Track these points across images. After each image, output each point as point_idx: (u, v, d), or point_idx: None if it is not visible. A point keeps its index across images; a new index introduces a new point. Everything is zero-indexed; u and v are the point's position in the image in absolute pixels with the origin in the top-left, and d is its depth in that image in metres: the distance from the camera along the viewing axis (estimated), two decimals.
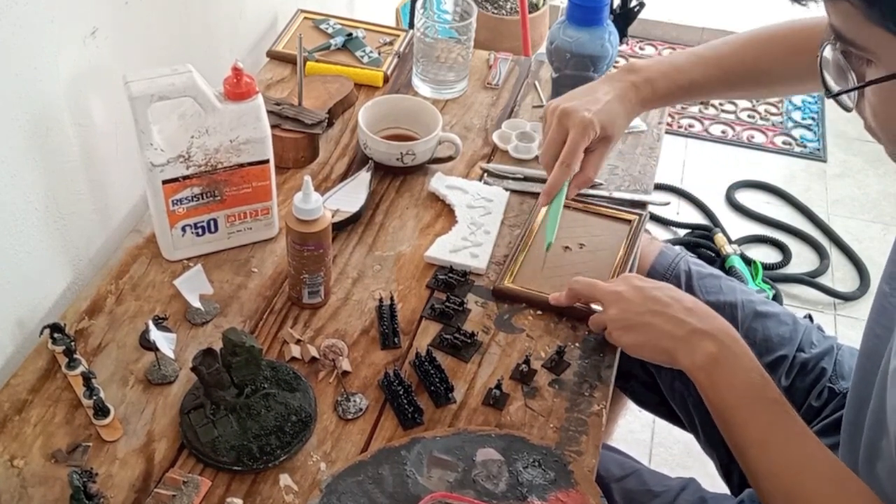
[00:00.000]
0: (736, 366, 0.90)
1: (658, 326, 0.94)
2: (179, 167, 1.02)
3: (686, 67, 1.13)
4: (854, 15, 0.65)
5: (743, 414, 0.88)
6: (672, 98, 1.15)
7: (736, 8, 3.13)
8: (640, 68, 1.13)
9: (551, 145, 1.10)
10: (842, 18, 0.67)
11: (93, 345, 1.00)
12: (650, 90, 1.12)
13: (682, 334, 0.93)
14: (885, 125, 0.71)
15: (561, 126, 1.08)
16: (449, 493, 0.85)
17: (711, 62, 1.13)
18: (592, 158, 1.11)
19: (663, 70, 1.13)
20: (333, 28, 1.50)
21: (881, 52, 0.66)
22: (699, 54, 1.14)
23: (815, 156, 2.66)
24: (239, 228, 1.12)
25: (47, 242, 1.03)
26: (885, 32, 0.64)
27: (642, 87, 1.12)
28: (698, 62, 1.13)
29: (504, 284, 1.08)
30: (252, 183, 1.08)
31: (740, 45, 1.14)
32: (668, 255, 1.26)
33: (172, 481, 0.87)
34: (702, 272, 1.24)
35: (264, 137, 1.05)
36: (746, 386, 0.89)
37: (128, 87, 0.97)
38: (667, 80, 1.12)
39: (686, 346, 0.92)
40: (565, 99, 1.11)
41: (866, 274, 2.27)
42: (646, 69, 1.13)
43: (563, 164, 1.08)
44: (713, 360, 0.90)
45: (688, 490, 1.06)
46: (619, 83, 1.12)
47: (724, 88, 1.18)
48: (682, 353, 0.92)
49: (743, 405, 0.88)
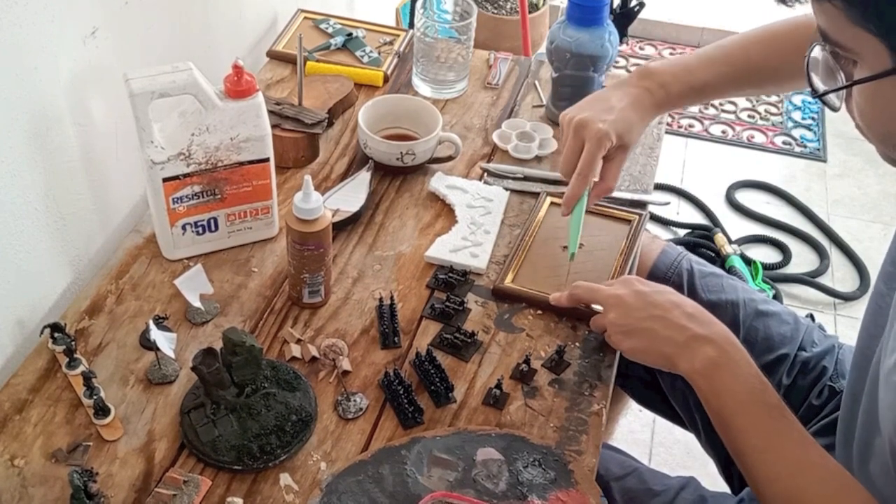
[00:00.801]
0: (736, 371, 0.90)
1: (658, 332, 0.95)
2: (180, 165, 1.02)
3: (697, 69, 1.14)
4: (837, 16, 0.66)
5: (743, 419, 0.88)
6: (685, 100, 1.16)
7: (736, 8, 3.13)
8: (653, 73, 1.14)
9: (569, 156, 1.10)
10: (827, 19, 0.68)
11: (93, 344, 1.00)
12: (664, 94, 1.13)
13: (682, 340, 0.93)
14: (872, 125, 0.72)
15: (577, 137, 1.09)
16: (449, 492, 0.85)
17: (721, 62, 1.14)
18: (611, 167, 1.12)
19: (675, 73, 1.13)
20: (333, 28, 1.50)
21: (864, 52, 0.67)
22: (709, 55, 1.15)
23: (815, 156, 2.66)
24: (239, 228, 1.12)
25: (47, 242, 1.03)
26: (865, 33, 0.65)
27: (656, 91, 1.13)
28: (709, 63, 1.14)
29: (504, 284, 1.08)
30: (252, 181, 1.08)
31: (748, 44, 1.14)
32: (670, 254, 1.26)
33: (173, 481, 0.87)
34: (704, 271, 1.24)
35: (264, 135, 1.05)
36: (746, 391, 0.89)
37: (128, 84, 0.97)
38: (680, 83, 1.13)
39: (686, 352, 0.92)
40: (579, 109, 1.12)
41: (866, 274, 2.27)
42: (658, 73, 1.13)
43: (581, 175, 1.08)
44: (713, 365, 0.90)
45: (687, 489, 1.06)
46: (632, 89, 1.13)
47: (735, 88, 1.18)
48: (683, 359, 0.92)
49: (743, 410, 0.88)
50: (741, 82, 1.16)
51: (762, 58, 1.13)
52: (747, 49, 1.14)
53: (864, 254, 2.32)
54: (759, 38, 1.14)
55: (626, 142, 1.10)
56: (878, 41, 0.65)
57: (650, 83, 1.13)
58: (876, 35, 0.65)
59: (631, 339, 0.97)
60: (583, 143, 1.08)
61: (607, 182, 1.12)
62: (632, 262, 1.14)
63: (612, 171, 1.12)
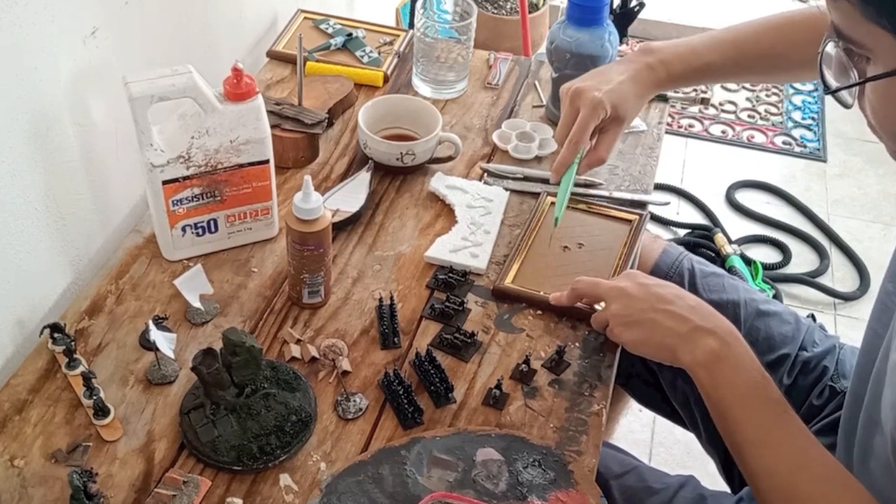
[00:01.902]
0: (737, 364, 0.90)
1: (661, 323, 0.95)
2: (179, 168, 1.02)
3: (702, 50, 1.14)
4: (851, 12, 0.66)
5: (743, 412, 0.88)
6: (687, 80, 1.17)
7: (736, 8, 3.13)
8: (656, 49, 1.15)
9: (564, 124, 1.12)
10: (840, 15, 0.68)
11: (93, 345, 1.00)
12: (665, 71, 1.14)
13: (684, 331, 0.93)
14: (884, 122, 0.71)
15: (573, 105, 1.11)
16: (449, 492, 0.85)
17: (728, 45, 1.14)
18: (605, 138, 1.13)
19: (679, 52, 1.14)
20: (333, 28, 1.50)
21: (878, 49, 0.67)
22: (716, 37, 1.15)
23: (815, 156, 2.66)
24: (239, 228, 1.12)
25: (47, 242, 1.03)
26: (880, 30, 0.65)
27: (657, 67, 1.13)
28: (715, 45, 1.15)
29: (504, 284, 1.08)
30: (252, 183, 1.08)
31: (759, 29, 1.15)
32: (671, 254, 1.26)
33: (172, 481, 0.87)
34: (705, 271, 1.24)
35: (264, 138, 1.05)
36: (747, 384, 0.89)
37: (127, 87, 0.97)
38: (682, 62, 1.14)
39: (688, 343, 0.92)
40: (580, 80, 1.14)
41: (866, 274, 2.27)
42: (661, 50, 1.15)
43: (572, 142, 1.10)
44: (715, 357, 0.90)
45: (686, 487, 1.06)
46: (633, 64, 1.14)
47: (740, 71, 1.19)
48: (684, 350, 0.92)
49: (743, 404, 0.88)
50: (747, 67, 1.16)
51: (770, 44, 1.13)
52: (758, 34, 1.14)
53: (864, 254, 2.32)
54: (772, 24, 1.15)
55: (622, 114, 1.11)
56: (893, 38, 0.64)
57: (652, 59, 1.14)
58: (890, 31, 0.64)
59: (633, 330, 0.97)
60: (577, 111, 1.10)
61: (599, 152, 1.13)
62: (632, 262, 1.14)
63: (606, 141, 1.13)
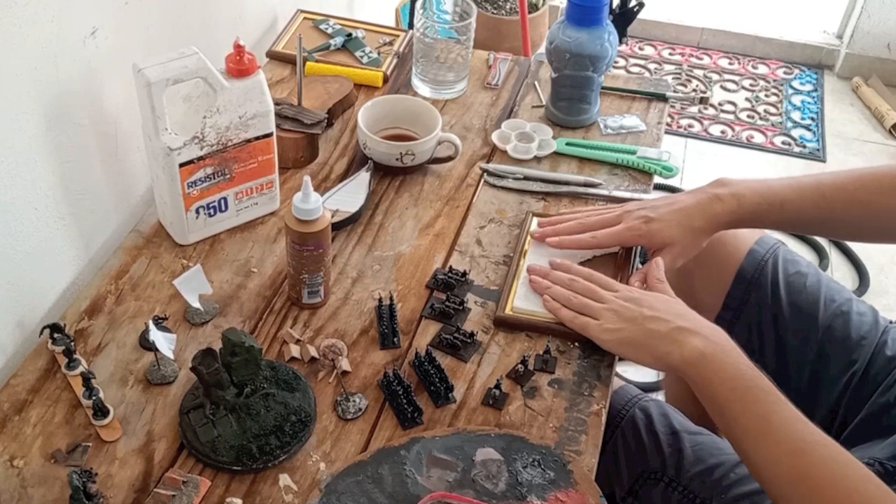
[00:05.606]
0: (725, 360, 0.92)
1: (645, 326, 0.97)
2: (194, 149, 1.04)
3: (778, 186, 1.09)
4: None
5: (737, 405, 0.90)
6: (761, 216, 1.09)
7: (736, 8, 3.13)
8: (729, 182, 1.10)
9: (599, 220, 1.11)
10: None
11: (92, 345, 1.00)
12: (736, 203, 1.08)
13: (667, 331, 0.95)
14: None
15: (619, 217, 1.10)
16: (448, 492, 0.85)
17: (808, 187, 1.09)
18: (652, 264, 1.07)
19: (753, 185, 1.09)
20: (333, 28, 1.50)
21: None
22: (797, 178, 1.11)
23: (814, 156, 2.66)
24: (246, 204, 1.14)
25: (47, 242, 1.03)
26: None
27: (727, 199, 1.08)
28: (792, 182, 1.09)
29: (505, 314, 1.06)
30: (258, 157, 1.11)
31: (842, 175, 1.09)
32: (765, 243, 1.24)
33: (172, 481, 0.87)
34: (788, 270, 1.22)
35: (269, 110, 1.08)
36: (737, 378, 0.91)
37: (142, 73, 0.97)
38: (755, 195, 1.08)
39: (674, 344, 0.94)
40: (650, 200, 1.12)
41: (866, 274, 2.26)
42: (735, 183, 1.10)
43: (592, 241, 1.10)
44: (701, 354, 0.92)
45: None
46: (702, 194, 1.09)
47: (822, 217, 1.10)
48: (671, 351, 0.94)
49: (736, 397, 0.90)
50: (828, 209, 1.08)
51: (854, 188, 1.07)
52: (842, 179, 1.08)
53: (864, 254, 2.32)
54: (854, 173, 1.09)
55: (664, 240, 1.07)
56: None
57: (723, 191, 1.09)
58: None
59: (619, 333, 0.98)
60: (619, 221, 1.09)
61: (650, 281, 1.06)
62: (632, 263, 1.14)
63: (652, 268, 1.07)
